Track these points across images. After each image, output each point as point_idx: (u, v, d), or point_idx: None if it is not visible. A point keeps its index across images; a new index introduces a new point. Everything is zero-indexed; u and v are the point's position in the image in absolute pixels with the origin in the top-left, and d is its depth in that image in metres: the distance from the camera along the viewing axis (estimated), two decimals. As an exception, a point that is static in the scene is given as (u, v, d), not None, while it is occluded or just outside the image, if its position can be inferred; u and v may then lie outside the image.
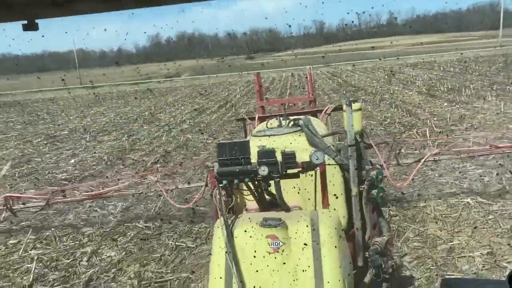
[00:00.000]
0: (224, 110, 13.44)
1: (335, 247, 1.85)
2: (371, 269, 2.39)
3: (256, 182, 2.07)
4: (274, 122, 3.08)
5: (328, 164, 2.37)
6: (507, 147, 4.41)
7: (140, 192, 4.88)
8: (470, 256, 3.35)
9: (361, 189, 2.49)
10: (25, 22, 0.78)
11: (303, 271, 1.79)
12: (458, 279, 2.83)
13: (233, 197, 2.15)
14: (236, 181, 2.01)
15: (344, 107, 2.52)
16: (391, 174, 4.35)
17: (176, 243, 4.13)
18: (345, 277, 1.83)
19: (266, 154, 1.97)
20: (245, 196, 2.31)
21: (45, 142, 10.44)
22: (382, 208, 2.63)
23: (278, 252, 1.80)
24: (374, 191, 2.48)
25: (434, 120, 8.18)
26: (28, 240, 4.48)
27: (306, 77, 5.69)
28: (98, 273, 3.69)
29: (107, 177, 6.23)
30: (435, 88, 13.33)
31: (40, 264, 3.94)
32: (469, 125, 7.43)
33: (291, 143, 2.61)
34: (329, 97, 13.75)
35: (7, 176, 7.17)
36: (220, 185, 2.00)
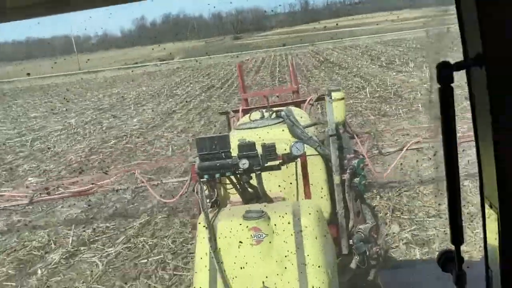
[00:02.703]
0: (227, 86, 17.71)
1: (317, 236, 2.01)
2: (356, 256, 2.58)
3: (238, 175, 2.25)
4: (256, 115, 3.30)
5: (310, 155, 2.56)
6: None
7: (125, 188, 5.34)
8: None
9: (343, 178, 2.64)
10: None
11: (286, 261, 1.96)
12: (403, 261, 3.21)
13: (216, 191, 2.34)
14: (217, 175, 2.17)
15: (334, 95, 2.77)
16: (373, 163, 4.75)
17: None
18: (328, 265, 2.00)
19: (246, 147, 2.13)
20: (228, 190, 2.50)
21: (97, 112, 14.68)
22: (364, 196, 2.75)
23: (261, 243, 1.96)
24: (356, 179, 2.65)
25: (379, 84, 12.66)
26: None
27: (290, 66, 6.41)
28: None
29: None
30: (394, 62, 17.79)
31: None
32: (398, 86, 11.92)
33: (273, 135, 2.76)
34: (311, 73, 18.12)
35: (97, 129, 11.47)
36: (202, 179, 2.17)
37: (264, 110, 3.32)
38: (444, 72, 0.66)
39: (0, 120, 15.64)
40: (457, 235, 0.73)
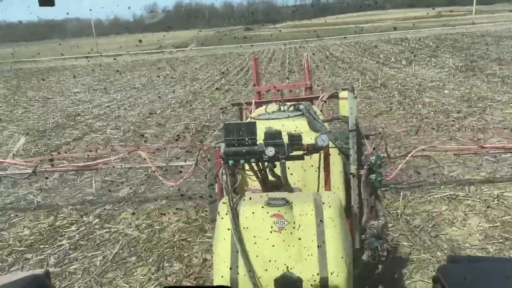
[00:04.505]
0: (243, 73, 20.90)
1: (338, 226, 2.12)
2: (367, 251, 2.72)
3: (261, 163, 2.39)
4: (273, 107, 3.62)
5: (330, 147, 2.71)
6: (493, 147, 4.96)
7: (129, 167, 5.72)
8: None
9: (360, 174, 2.78)
10: None
11: (307, 249, 2.05)
12: (462, 256, 3.28)
13: (237, 177, 2.48)
14: (242, 161, 2.31)
15: (345, 93, 3.05)
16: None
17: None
18: (346, 256, 2.10)
19: (273, 136, 2.28)
20: (248, 177, 2.65)
21: (133, 90, 17.88)
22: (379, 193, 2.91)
23: (283, 230, 2.06)
24: (372, 176, 2.81)
25: (372, 78, 15.82)
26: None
27: (303, 63, 6.87)
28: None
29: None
30: (390, 59, 20.92)
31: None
32: (386, 79, 15.08)
33: (292, 127, 2.99)
34: (317, 66, 21.27)
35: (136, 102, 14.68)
36: (226, 165, 2.31)
37: (279, 103, 3.58)
38: None
39: (49, 93, 18.93)
40: None
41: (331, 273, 2.00)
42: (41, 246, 4.71)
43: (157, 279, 3.82)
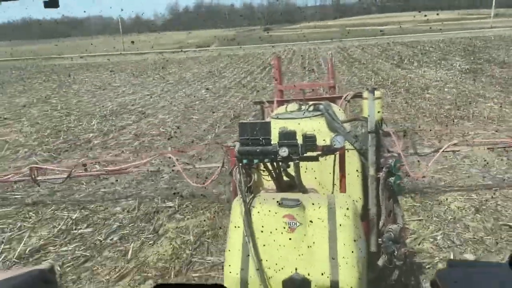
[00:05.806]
0: (266, 72, 23.37)
1: (351, 229, 2.16)
2: (384, 255, 2.73)
3: (275, 163, 2.45)
4: (293, 106, 3.70)
5: (348, 149, 2.76)
6: None
7: (158, 169, 6.16)
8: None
9: (378, 176, 2.81)
10: None
11: (319, 251, 2.09)
12: (461, 261, 3.34)
13: (252, 176, 2.56)
14: (256, 160, 2.38)
15: (366, 94, 3.05)
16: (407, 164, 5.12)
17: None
18: (359, 259, 2.12)
19: (287, 136, 2.34)
20: (263, 177, 2.73)
21: (169, 86, 20.45)
22: (398, 197, 2.95)
23: (294, 231, 2.11)
24: (391, 179, 2.82)
25: (384, 77, 18.15)
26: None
27: (327, 62, 6.93)
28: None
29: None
30: (404, 61, 23.19)
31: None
32: (396, 78, 17.40)
33: (310, 127, 3.03)
34: (335, 66, 23.63)
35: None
36: (240, 164, 2.39)
37: (300, 103, 3.67)
38: None
39: (92, 87, 21.69)
40: None
41: (342, 276, 2.04)
42: (151, 178, 7.32)
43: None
